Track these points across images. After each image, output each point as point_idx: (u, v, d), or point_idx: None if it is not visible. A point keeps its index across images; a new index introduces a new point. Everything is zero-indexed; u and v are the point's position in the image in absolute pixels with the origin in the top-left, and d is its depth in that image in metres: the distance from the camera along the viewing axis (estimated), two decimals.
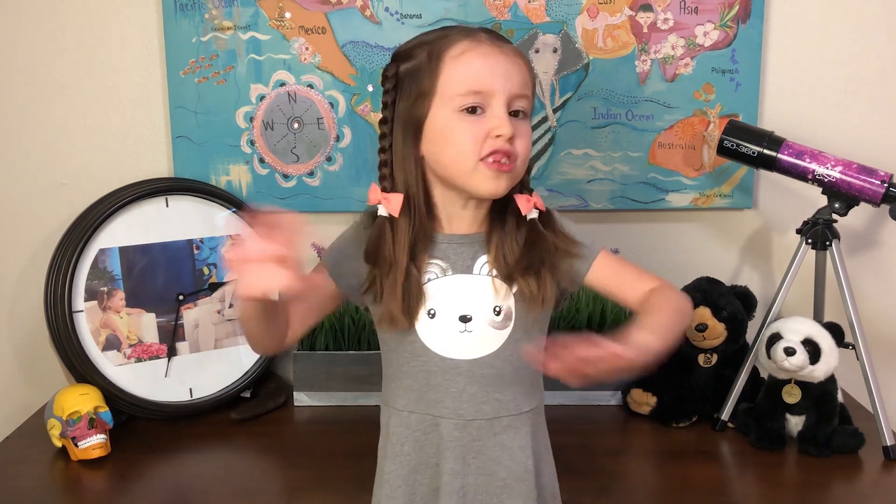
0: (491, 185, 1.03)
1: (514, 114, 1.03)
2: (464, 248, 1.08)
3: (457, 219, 1.09)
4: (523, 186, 1.10)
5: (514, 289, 1.07)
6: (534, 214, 1.09)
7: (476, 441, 1.07)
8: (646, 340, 0.98)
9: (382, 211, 1.07)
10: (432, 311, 1.07)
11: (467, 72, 1.02)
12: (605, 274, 1.11)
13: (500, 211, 1.09)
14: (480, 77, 1.01)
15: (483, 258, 1.08)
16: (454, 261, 1.08)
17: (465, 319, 1.07)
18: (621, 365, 0.93)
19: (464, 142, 1.02)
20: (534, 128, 1.61)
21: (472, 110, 1.02)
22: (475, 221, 1.09)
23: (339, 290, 1.11)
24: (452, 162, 1.04)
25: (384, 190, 1.08)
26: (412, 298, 1.06)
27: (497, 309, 1.07)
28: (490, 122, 1.01)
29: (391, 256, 1.06)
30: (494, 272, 1.07)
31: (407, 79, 1.06)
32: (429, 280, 1.07)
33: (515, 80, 1.02)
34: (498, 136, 1.01)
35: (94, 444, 1.39)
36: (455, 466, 1.06)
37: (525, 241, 1.07)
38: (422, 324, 1.07)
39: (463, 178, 1.04)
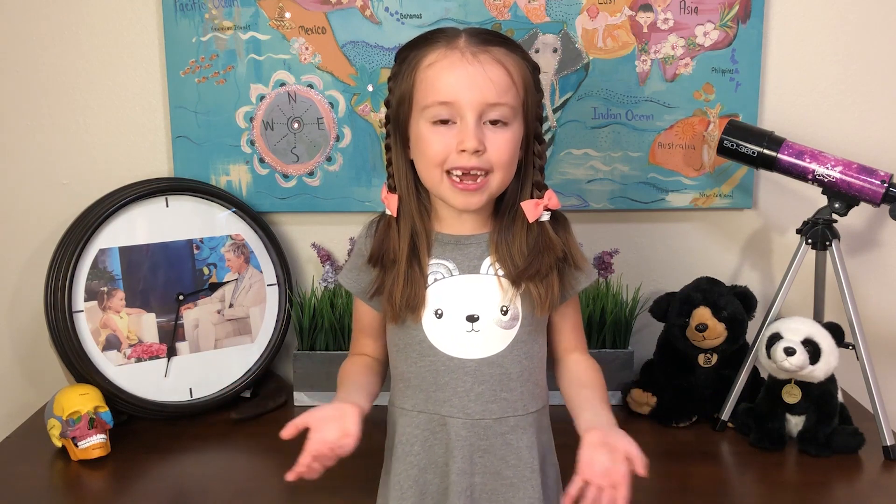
0: (459, 200, 1.05)
1: (493, 122, 1.03)
2: (470, 249, 1.09)
3: (460, 219, 1.09)
4: (535, 187, 1.10)
5: (521, 289, 1.08)
6: (545, 217, 1.09)
7: (483, 440, 1.07)
8: (613, 426, 1.05)
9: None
10: (439, 311, 1.07)
11: (436, 84, 1.02)
12: (573, 308, 1.16)
13: (508, 211, 1.10)
14: (448, 90, 1.01)
15: (490, 259, 1.09)
16: (461, 261, 1.09)
17: (472, 319, 1.07)
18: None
19: (432, 153, 1.03)
20: None
21: (444, 121, 1.03)
22: (480, 222, 1.10)
23: (380, 312, 1.14)
24: (424, 171, 1.06)
25: (390, 188, 1.10)
26: (414, 292, 1.07)
27: (504, 309, 1.08)
28: (458, 135, 1.02)
29: (394, 253, 1.08)
30: (501, 272, 1.08)
31: (397, 81, 1.07)
32: (435, 280, 1.08)
33: (488, 90, 1.01)
34: (462, 151, 1.01)
35: (94, 444, 1.38)
36: (462, 466, 1.07)
37: (534, 246, 1.08)
38: (429, 323, 1.08)
39: (435, 189, 1.07)
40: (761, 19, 1.61)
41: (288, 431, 1.01)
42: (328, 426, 1.01)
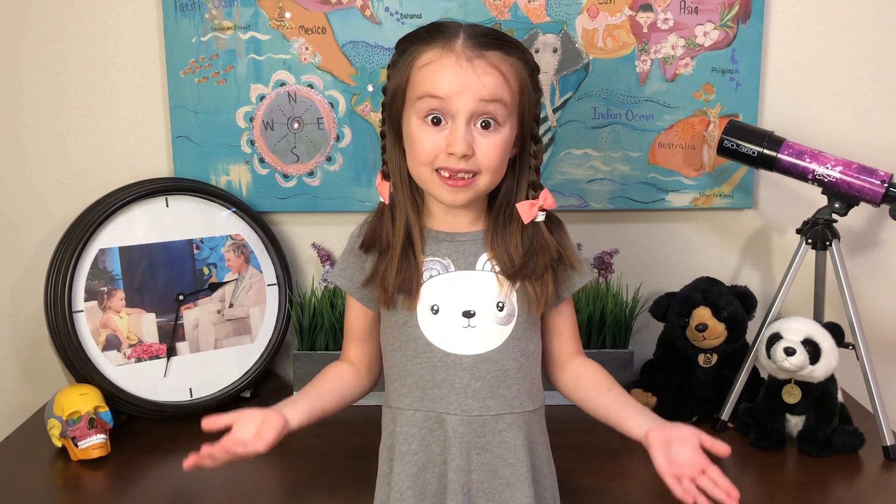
0: (447, 196, 1.06)
1: (484, 124, 1.04)
2: (466, 246, 1.10)
3: (453, 216, 1.10)
4: (530, 187, 1.10)
5: (517, 286, 1.08)
6: (540, 218, 1.09)
7: (480, 437, 1.07)
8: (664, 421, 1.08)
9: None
10: (435, 307, 1.08)
11: (428, 84, 1.03)
12: (570, 309, 1.16)
13: (503, 211, 1.10)
14: (439, 91, 1.02)
15: (485, 255, 1.09)
16: (456, 257, 1.09)
17: (468, 315, 1.08)
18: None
19: (422, 153, 1.05)
20: None
21: (436, 121, 1.03)
22: (473, 219, 1.11)
23: (371, 309, 1.15)
24: (413, 167, 1.07)
25: (384, 175, 1.11)
26: (409, 276, 1.07)
27: (500, 304, 1.08)
28: (448, 138, 1.03)
29: (387, 239, 1.09)
30: (497, 268, 1.08)
31: (395, 70, 1.08)
32: (431, 276, 1.08)
33: (479, 96, 1.02)
34: (451, 154, 1.03)
35: (94, 444, 1.38)
36: (460, 463, 1.07)
37: (529, 247, 1.09)
38: (425, 320, 1.08)
39: (424, 185, 1.08)
40: (761, 19, 1.61)
41: (209, 424, 1.05)
42: (247, 426, 1.05)
